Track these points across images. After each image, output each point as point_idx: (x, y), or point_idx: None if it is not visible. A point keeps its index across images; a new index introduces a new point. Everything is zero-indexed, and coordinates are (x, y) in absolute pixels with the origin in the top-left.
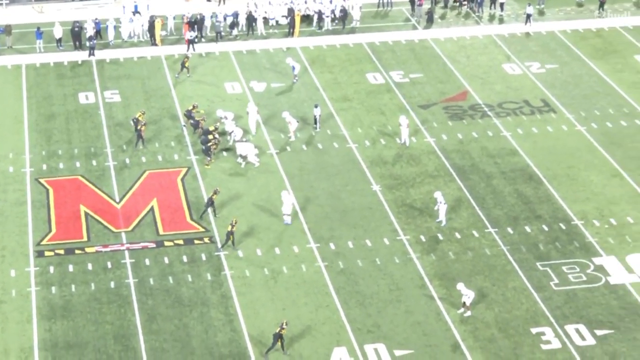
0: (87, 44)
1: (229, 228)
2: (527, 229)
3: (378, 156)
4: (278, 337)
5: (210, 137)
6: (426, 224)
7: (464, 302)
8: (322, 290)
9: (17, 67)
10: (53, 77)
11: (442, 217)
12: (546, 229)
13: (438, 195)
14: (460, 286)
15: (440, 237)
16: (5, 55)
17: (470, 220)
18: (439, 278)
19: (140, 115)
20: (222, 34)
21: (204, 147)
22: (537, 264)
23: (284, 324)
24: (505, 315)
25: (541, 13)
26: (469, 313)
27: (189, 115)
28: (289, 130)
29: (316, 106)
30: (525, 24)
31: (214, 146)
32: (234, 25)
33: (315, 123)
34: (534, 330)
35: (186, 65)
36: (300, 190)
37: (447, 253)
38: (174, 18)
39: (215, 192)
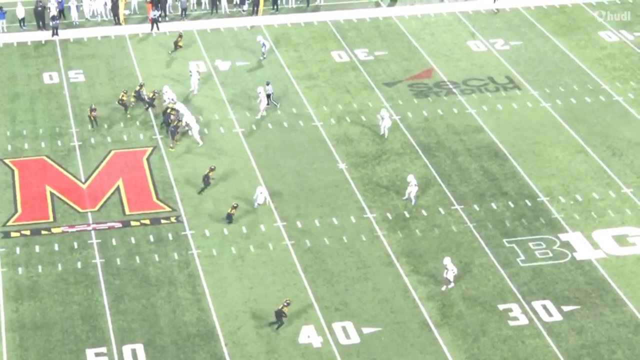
0: (50, 23)
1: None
2: (493, 205)
3: (344, 134)
4: (280, 314)
5: (172, 114)
6: (392, 201)
7: (447, 278)
8: (289, 268)
9: None
10: (16, 57)
11: (411, 197)
12: (512, 205)
13: (411, 178)
14: (447, 261)
15: (406, 214)
16: None
17: (437, 198)
18: (405, 255)
19: (123, 95)
20: (186, 7)
21: (170, 128)
22: (504, 240)
23: (287, 302)
24: (473, 292)
25: None
26: (452, 285)
27: (138, 95)
28: (258, 108)
29: (268, 84)
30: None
31: (178, 122)
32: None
33: (269, 102)
34: (501, 307)
35: (180, 44)
36: (267, 169)
37: (414, 230)
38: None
39: (211, 169)
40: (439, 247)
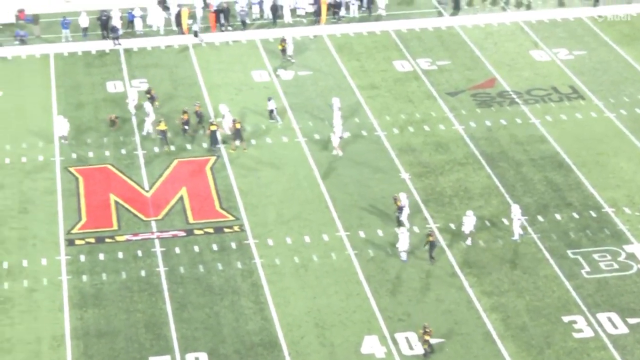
0: (111, 34)
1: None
2: (558, 216)
3: (406, 144)
4: (427, 243)
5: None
6: (455, 212)
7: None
8: (352, 278)
9: (45, 56)
10: (81, 66)
11: (516, 233)
12: (577, 216)
13: (515, 209)
14: (469, 213)
15: (471, 229)
16: (33, 44)
17: (500, 208)
18: (469, 266)
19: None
20: (247, 21)
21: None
22: (568, 251)
23: (430, 231)
24: (537, 304)
25: None
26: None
27: (197, 115)
28: (332, 118)
29: (269, 99)
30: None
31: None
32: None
33: (271, 117)
34: (565, 319)
35: (284, 46)
36: (329, 179)
37: (477, 241)
38: (203, 9)
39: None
40: (502, 259)
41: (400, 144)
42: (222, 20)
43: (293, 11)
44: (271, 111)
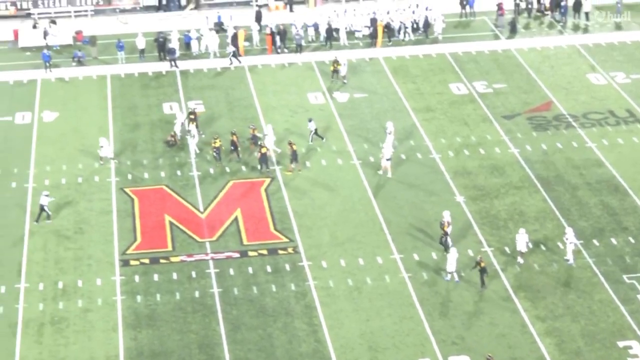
0: (168, 56)
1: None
2: (613, 241)
3: (462, 167)
4: (475, 266)
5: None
6: (510, 235)
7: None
8: (405, 301)
9: (102, 77)
10: (137, 87)
11: (569, 255)
12: (632, 241)
13: (570, 232)
14: (522, 231)
15: (524, 249)
16: (90, 65)
17: (555, 232)
18: (523, 290)
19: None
20: (302, 44)
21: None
22: (624, 276)
23: (480, 258)
24: (592, 328)
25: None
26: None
27: (252, 138)
28: (384, 140)
29: (310, 120)
30: None
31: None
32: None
33: (311, 139)
34: (620, 344)
35: (337, 68)
36: (384, 201)
37: (532, 265)
38: (259, 31)
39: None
40: (557, 283)
41: (455, 167)
42: (279, 43)
43: (350, 34)
44: (312, 132)
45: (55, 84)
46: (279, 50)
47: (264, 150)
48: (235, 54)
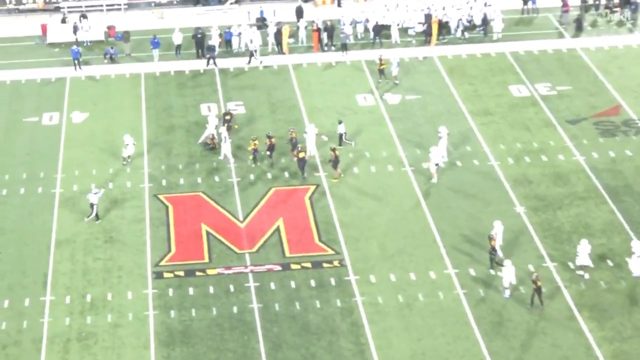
0: (207, 54)
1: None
2: None
3: (522, 175)
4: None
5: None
6: (574, 249)
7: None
8: (460, 319)
9: (136, 76)
10: (173, 86)
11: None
12: None
13: (636, 245)
14: (584, 242)
15: (590, 264)
16: (123, 63)
17: (623, 247)
18: (588, 309)
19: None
20: (348, 42)
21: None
22: None
23: (536, 276)
24: None
25: None
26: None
27: (291, 142)
28: (437, 144)
29: (340, 122)
30: None
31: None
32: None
33: (340, 142)
34: None
35: (384, 67)
36: (437, 211)
37: (598, 282)
38: (306, 27)
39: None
40: (625, 301)
41: (515, 175)
42: (326, 40)
43: (402, 30)
44: (341, 135)
45: (85, 83)
46: (325, 48)
47: (301, 154)
48: (253, 53)
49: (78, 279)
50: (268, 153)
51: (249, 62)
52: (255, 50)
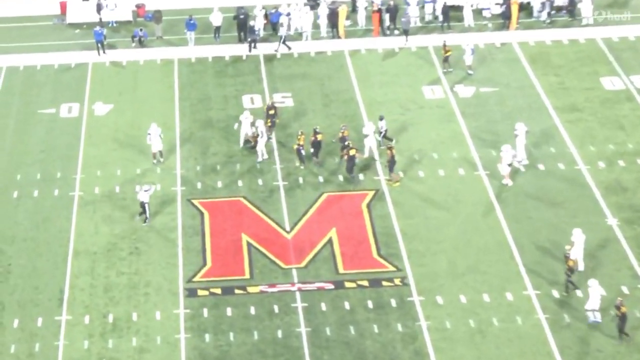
0: (249, 37)
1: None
2: None
3: (615, 181)
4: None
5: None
6: None
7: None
8: (542, 349)
9: (169, 62)
10: (211, 75)
11: None
12: None
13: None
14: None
15: None
16: (153, 47)
17: None
18: None
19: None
20: (412, 26)
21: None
22: None
23: (620, 301)
24: None
25: None
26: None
27: (341, 141)
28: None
29: (381, 119)
30: None
31: (349, 151)
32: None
33: (382, 141)
34: None
35: (447, 54)
36: (516, 221)
37: None
38: (365, 8)
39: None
40: None
41: (607, 182)
42: (388, 22)
43: (476, 12)
44: (381, 133)
45: (110, 69)
46: (387, 32)
47: (352, 152)
48: (285, 39)
49: (99, 296)
50: (312, 150)
51: (278, 48)
52: (303, 33)
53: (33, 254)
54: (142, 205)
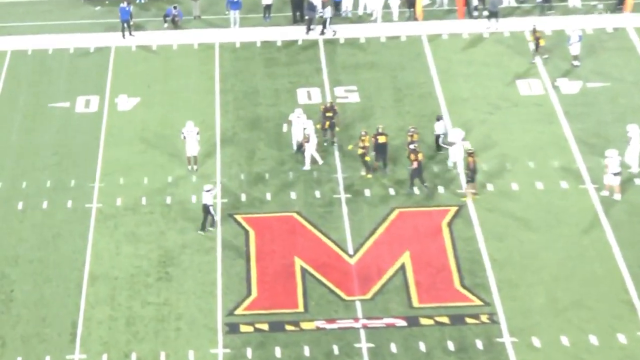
0: (306, 17)
1: None
2: None
3: None
4: None
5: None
6: None
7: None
8: None
9: (208, 46)
10: (259, 63)
11: None
12: None
13: None
14: None
15: None
16: (189, 29)
17: None
18: None
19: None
20: (497, 10)
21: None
22: None
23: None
24: None
25: None
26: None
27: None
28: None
29: (438, 119)
30: None
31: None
32: None
33: (438, 147)
34: None
35: (540, 43)
36: (631, 247)
37: None
38: None
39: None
40: None
41: None
42: (475, 2)
43: None
44: (438, 137)
45: (137, 55)
46: (474, 13)
47: (420, 156)
48: (326, 23)
49: (120, 331)
50: (373, 153)
51: (323, 32)
52: (372, 13)
53: (40, 278)
54: (206, 209)
